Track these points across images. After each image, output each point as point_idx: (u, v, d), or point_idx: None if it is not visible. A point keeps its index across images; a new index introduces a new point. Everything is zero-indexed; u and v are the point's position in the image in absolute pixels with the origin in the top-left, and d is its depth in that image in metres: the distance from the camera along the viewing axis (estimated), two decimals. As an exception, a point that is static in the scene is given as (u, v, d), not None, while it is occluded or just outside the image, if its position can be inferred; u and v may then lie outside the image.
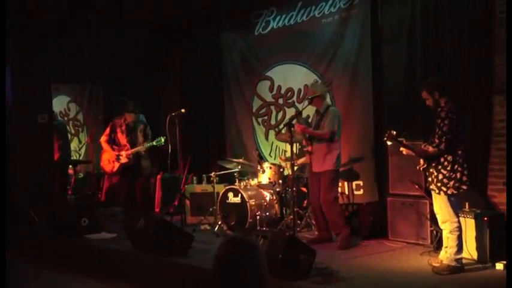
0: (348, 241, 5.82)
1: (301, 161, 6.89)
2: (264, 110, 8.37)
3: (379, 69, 6.77)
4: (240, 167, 7.26)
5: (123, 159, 7.34)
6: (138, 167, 7.38)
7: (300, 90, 7.80)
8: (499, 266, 4.81)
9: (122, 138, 7.43)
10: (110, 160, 7.48)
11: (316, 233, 6.38)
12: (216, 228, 6.78)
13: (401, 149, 4.97)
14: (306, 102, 6.17)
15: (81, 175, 9.95)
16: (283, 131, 6.43)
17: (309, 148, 6.01)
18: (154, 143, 7.15)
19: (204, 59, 9.24)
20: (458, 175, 4.69)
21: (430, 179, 4.84)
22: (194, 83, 9.54)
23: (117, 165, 7.40)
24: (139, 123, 7.48)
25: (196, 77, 9.46)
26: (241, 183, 7.00)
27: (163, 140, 7.07)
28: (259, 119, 8.44)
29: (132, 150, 7.30)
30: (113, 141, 7.49)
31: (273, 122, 8.24)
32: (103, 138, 7.59)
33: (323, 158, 5.90)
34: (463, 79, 5.90)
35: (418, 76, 6.27)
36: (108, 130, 7.58)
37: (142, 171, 7.42)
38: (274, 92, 8.19)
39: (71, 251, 6.53)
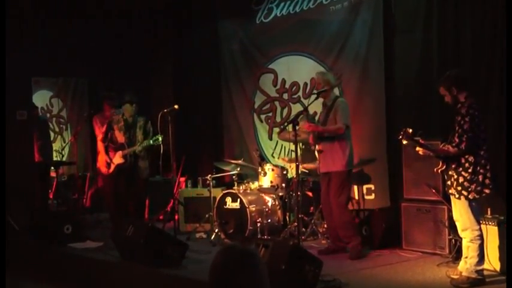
0: (359, 251, 5.83)
1: (307, 166, 6.89)
2: (267, 106, 8.38)
3: (391, 61, 6.78)
4: (239, 169, 7.26)
5: (118, 160, 7.32)
6: (136, 168, 7.36)
7: (306, 84, 7.82)
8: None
9: (120, 136, 7.39)
10: (107, 161, 7.48)
11: (323, 241, 6.41)
12: (212, 237, 6.78)
13: (418, 149, 4.97)
14: (313, 97, 6.17)
15: (64, 178, 9.95)
16: (288, 129, 6.41)
17: (319, 147, 5.96)
18: (151, 142, 7.09)
19: (199, 50, 9.23)
20: (480, 178, 4.68)
21: (449, 182, 4.84)
22: (189, 76, 9.54)
23: (113, 166, 7.39)
24: (138, 118, 7.45)
25: (191, 69, 9.46)
26: (241, 187, 7.01)
27: (160, 138, 6.98)
28: (262, 116, 8.45)
29: (128, 150, 7.27)
30: (109, 140, 7.45)
31: (278, 119, 8.25)
32: (99, 137, 7.61)
33: (331, 157, 5.87)
34: (485, 72, 5.90)
35: (434, 69, 6.27)
36: (104, 128, 7.56)
37: (140, 172, 7.42)
38: (278, 86, 8.20)
39: (53, 261, 6.53)
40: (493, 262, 5.03)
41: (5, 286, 5.18)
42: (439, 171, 4.95)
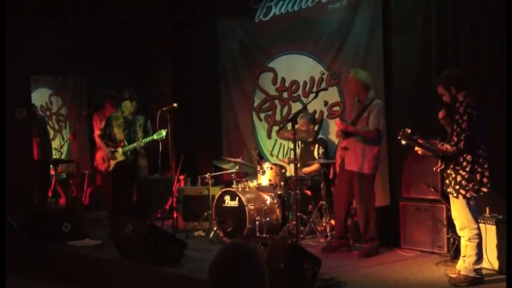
0: (374, 252, 5.84)
1: (308, 169, 6.87)
2: (267, 105, 8.37)
3: (389, 60, 6.77)
4: (237, 167, 7.25)
5: (120, 157, 7.24)
6: (136, 166, 7.31)
7: (305, 82, 7.81)
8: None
9: (119, 134, 7.28)
10: (105, 158, 7.40)
11: (321, 240, 6.40)
12: (211, 235, 6.77)
13: (417, 148, 4.97)
14: (312, 96, 6.16)
15: (63, 176, 9.95)
16: (287, 128, 6.39)
17: (345, 144, 5.94)
18: (154, 137, 6.97)
19: (198, 48, 9.23)
20: (478, 177, 4.69)
21: (447, 181, 4.85)
22: (188, 74, 9.53)
23: (113, 163, 7.29)
24: (138, 116, 7.37)
25: (190, 68, 9.45)
26: (239, 185, 7.01)
27: (164, 133, 6.86)
28: (262, 115, 8.44)
29: (129, 146, 7.17)
30: (108, 137, 7.37)
31: (278, 117, 8.24)
32: (97, 133, 7.53)
33: (361, 156, 5.83)
34: (484, 71, 5.89)
35: (433, 69, 6.25)
36: (102, 124, 7.48)
37: (140, 171, 7.36)
38: (278, 85, 8.19)
39: (52, 259, 6.53)
40: (491, 261, 5.04)
41: (5, 285, 5.17)
42: (438, 170, 4.96)
